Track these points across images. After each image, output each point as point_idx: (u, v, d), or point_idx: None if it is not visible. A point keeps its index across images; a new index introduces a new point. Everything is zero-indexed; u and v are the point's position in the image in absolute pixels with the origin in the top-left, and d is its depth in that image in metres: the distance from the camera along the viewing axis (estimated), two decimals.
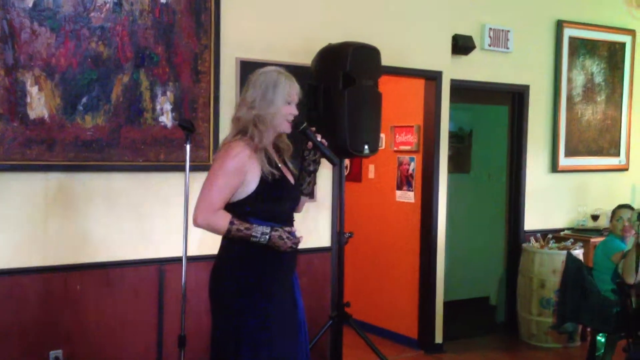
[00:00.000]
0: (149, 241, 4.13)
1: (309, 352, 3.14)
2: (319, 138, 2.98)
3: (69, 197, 3.89)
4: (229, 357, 2.87)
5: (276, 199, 2.85)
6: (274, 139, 2.94)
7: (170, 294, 4.18)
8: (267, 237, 2.77)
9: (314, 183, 3.10)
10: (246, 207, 2.83)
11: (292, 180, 2.99)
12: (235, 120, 2.89)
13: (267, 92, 2.83)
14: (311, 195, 3.13)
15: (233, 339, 2.86)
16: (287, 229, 2.85)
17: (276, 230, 2.79)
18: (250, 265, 2.86)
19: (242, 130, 2.85)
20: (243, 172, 2.79)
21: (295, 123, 2.94)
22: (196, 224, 2.82)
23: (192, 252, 4.22)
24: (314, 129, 3.01)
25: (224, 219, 2.77)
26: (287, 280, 2.96)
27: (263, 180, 2.80)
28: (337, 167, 4.50)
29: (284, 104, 2.86)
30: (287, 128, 2.92)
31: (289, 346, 2.93)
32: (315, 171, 3.05)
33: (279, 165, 2.93)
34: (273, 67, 2.94)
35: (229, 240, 2.88)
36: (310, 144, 3.00)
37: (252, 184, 2.81)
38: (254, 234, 2.77)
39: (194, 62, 4.19)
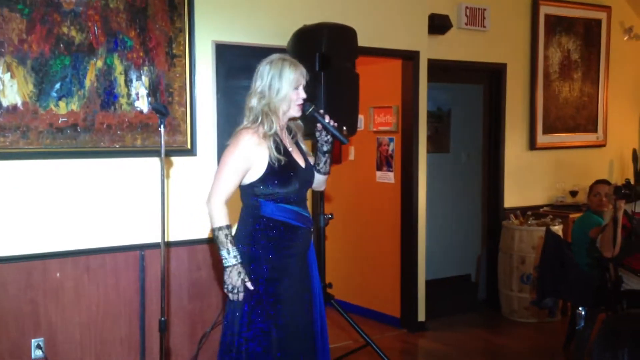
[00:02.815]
0: (128, 227, 4.10)
1: (326, 325, 3.24)
2: (327, 119, 3.08)
3: (46, 185, 3.85)
4: (234, 337, 2.99)
5: (282, 183, 2.97)
6: (286, 122, 3.11)
7: (151, 279, 4.17)
8: (229, 264, 2.90)
9: (331, 161, 3.22)
10: (254, 189, 2.99)
11: (301, 163, 3.09)
12: (248, 109, 3.05)
13: (273, 81, 2.99)
14: (328, 171, 3.26)
15: (239, 319, 3.00)
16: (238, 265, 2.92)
17: (240, 266, 2.90)
18: (261, 242, 2.99)
19: (254, 118, 3.02)
20: (250, 159, 2.95)
21: (303, 107, 3.05)
22: (207, 206, 2.98)
23: (172, 237, 4.22)
24: (321, 110, 3.12)
25: (221, 219, 2.93)
26: (300, 256, 3.09)
27: (270, 166, 2.95)
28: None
29: (291, 90, 3.02)
30: (297, 112, 3.07)
31: (296, 329, 3.06)
32: (329, 151, 3.17)
33: (289, 149, 3.06)
34: (278, 55, 3.09)
35: (242, 219, 3.06)
36: (319, 125, 3.10)
37: (259, 168, 2.97)
38: (224, 252, 2.92)
39: (168, 45, 4.16)
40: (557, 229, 5.70)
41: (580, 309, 4.76)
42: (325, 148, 3.17)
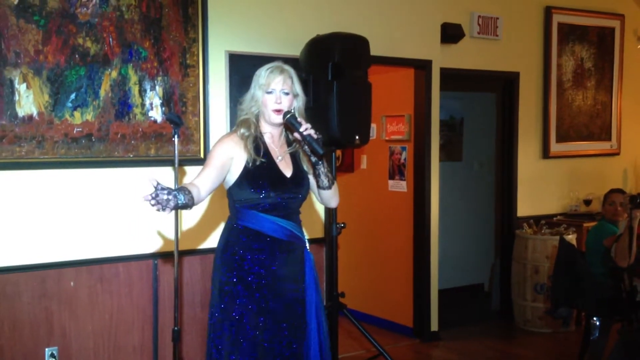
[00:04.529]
0: (141, 236, 4.13)
1: (327, 349, 3.08)
2: (302, 127, 2.86)
3: (60, 194, 3.89)
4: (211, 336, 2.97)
5: (256, 188, 2.88)
6: (279, 132, 3.02)
7: (164, 288, 4.19)
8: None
9: (325, 174, 3.00)
10: (233, 194, 2.95)
11: (287, 173, 2.97)
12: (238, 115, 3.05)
13: (251, 87, 2.98)
14: (329, 186, 3.04)
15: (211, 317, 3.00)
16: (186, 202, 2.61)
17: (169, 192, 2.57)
18: (234, 248, 2.93)
19: (237, 122, 3.01)
20: (228, 157, 2.88)
21: (284, 113, 2.94)
22: None
23: (185, 246, 4.23)
24: (300, 118, 2.92)
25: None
26: (282, 271, 2.93)
27: (246, 169, 2.89)
28: (329, 156, 4.49)
29: (262, 94, 2.94)
30: (275, 118, 2.94)
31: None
32: (317, 162, 2.95)
33: (278, 157, 2.97)
34: (269, 63, 3.01)
35: (224, 227, 3.02)
36: (296, 134, 2.92)
37: (237, 170, 2.90)
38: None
39: (182, 56, 4.19)
40: (571, 238, 5.66)
41: (594, 319, 4.72)
42: (312, 159, 2.94)
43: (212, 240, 4.34)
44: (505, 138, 6.27)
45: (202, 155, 4.26)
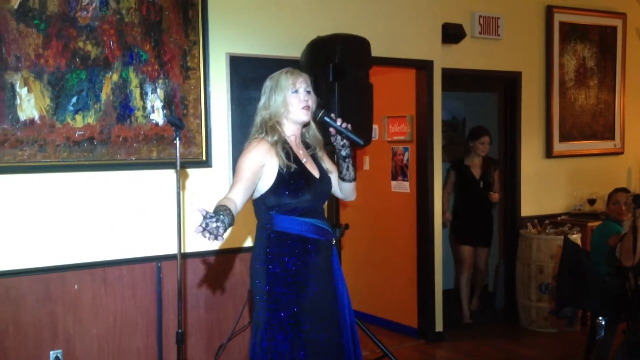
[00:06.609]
0: (144, 238, 4.13)
1: (358, 344, 3.17)
2: (339, 122, 2.99)
3: (63, 198, 3.89)
4: (255, 343, 2.97)
5: (293, 193, 2.91)
6: (299, 134, 3.07)
7: (168, 291, 4.18)
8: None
9: (354, 167, 3.12)
10: (266, 201, 2.94)
11: (315, 174, 3.03)
12: (255, 126, 3.06)
13: (272, 92, 3.00)
14: (354, 178, 3.16)
15: (261, 323, 2.96)
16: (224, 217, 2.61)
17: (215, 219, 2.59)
18: (276, 258, 2.94)
19: (260, 132, 3.01)
20: (259, 165, 2.89)
21: (314, 113, 3.01)
22: None
23: (188, 248, 4.23)
24: (333, 114, 3.04)
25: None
26: (322, 270, 3.01)
27: (280, 174, 2.90)
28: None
29: (289, 94, 2.97)
30: (304, 115, 2.99)
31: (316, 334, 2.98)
32: (348, 156, 3.08)
33: (302, 160, 3.02)
34: (281, 70, 3.07)
35: (257, 236, 3.02)
36: (332, 129, 3.01)
37: (270, 177, 2.91)
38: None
39: (183, 58, 4.19)
40: (576, 237, 5.64)
41: (600, 318, 4.70)
42: (343, 153, 3.06)
43: (215, 243, 4.32)
44: (508, 138, 6.26)
45: (204, 158, 4.26)
